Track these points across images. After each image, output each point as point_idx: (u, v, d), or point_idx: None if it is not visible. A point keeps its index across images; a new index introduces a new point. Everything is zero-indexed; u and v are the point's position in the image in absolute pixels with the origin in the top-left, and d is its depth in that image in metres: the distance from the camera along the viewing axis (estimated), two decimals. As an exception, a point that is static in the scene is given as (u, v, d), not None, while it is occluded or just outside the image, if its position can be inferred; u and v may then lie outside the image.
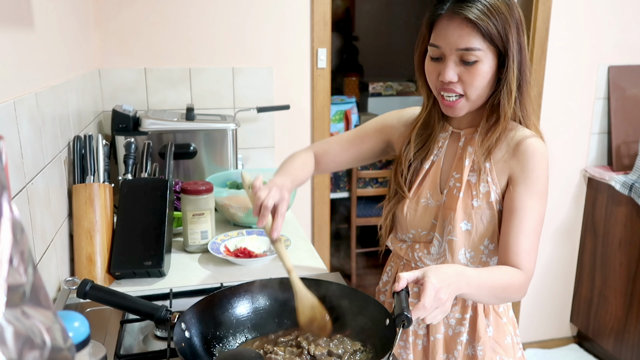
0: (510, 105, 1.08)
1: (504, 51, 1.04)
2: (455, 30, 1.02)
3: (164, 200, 1.42)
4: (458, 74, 1.05)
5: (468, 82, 1.05)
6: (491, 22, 1.01)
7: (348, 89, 4.54)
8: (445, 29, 1.04)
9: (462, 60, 1.04)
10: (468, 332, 1.18)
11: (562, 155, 2.62)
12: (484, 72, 1.04)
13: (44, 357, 0.40)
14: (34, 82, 1.20)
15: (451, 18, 1.03)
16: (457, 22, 1.02)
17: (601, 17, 2.49)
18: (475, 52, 1.02)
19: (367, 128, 1.30)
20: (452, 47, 1.03)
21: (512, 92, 1.06)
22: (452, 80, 1.05)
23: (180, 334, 0.90)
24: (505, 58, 1.04)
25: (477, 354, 1.16)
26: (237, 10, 2.12)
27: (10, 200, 0.41)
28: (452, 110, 1.10)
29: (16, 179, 1.02)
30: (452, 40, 1.03)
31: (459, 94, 1.07)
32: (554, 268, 2.79)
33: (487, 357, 1.16)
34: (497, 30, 1.01)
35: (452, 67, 1.04)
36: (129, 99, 2.08)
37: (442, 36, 1.04)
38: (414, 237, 1.21)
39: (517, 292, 1.05)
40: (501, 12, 1.02)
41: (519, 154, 1.09)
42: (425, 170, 1.19)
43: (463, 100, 1.07)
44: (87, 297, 0.97)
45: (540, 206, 1.08)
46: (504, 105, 1.07)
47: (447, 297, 0.89)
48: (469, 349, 1.18)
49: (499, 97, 1.08)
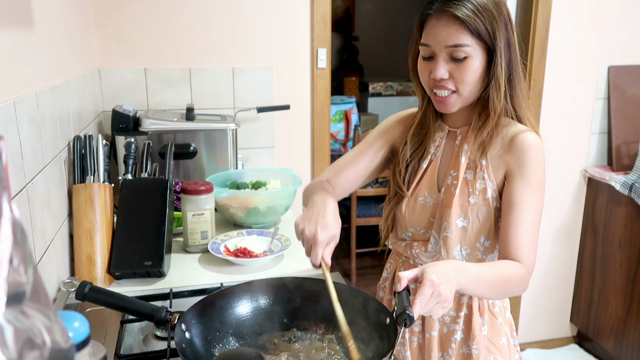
0: (500, 100, 1.09)
1: (492, 47, 1.06)
2: (444, 28, 1.05)
3: (164, 200, 1.42)
4: (449, 70, 1.07)
5: (459, 78, 1.07)
6: (478, 19, 1.03)
7: (348, 89, 4.55)
8: (434, 27, 1.06)
9: (452, 58, 1.06)
10: (462, 330, 1.19)
11: (562, 155, 2.62)
12: (474, 68, 1.06)
13: (44, 357, 0.40)
14: (34, 82, 1.20)
15: (439, 17, 1.06)
16: (445, 20, 1.05)
17: (601, 17, 2.49)
18: (464, 48, 1.04)
19: (370, 138, 1.30)
20: (442, 45, 1.05)
21: (501, 87, 1.08)
22: (443, 77, 1.07)
23: (181, 335, 0.90)
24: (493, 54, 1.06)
25: (472, 352, 1.17)
26: (237, 10, 2.13)
27: (10, 200, 0.41)
28: (445, 106, 1.11)
29: (16, 179, 1.02)
30: (441, 38, 1.05)
31: (451, 90, 1.09)
32: (554, 268, 2.79)
33: (481, 356, 1.16)
34: (484, 27, 1.04)
35: (442, 64, 1.07)
36: (129, 99, 2.08)
37: (431, 35, 1.07)
38: (412, 235, 1.22)
39: (518, 285, 1.05)
40: (488, 9, 1.04)
41: (514, 149, 1.10)
42: (423, 169, 1.21)
43: (455, 96, 1.09)
44: (86, 299, 0.96)
45: (538, 199, 1.09)
46: (493, 100, 1.09)
47: (447, 292, 0.89)
48: (464, 348, 1.19)
49: (487, 93, 1.10)
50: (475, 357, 1.16)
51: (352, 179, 1.27)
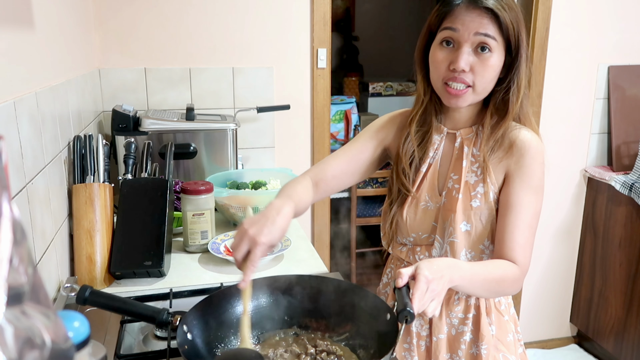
0: (519, 101, 1.09)
1: (515, 46, 1.05)
2: (476, 17, 1.03)
3: (164, 200, 1.42)
4: (470, 63, 1.04)
5: (479, 72, 1.04)
6: (507, 15, 1.03)
7: (348, 89, 4.54)
8: (464, 15, 1.04)
9: (477, 48, 1.04)
10: (472, 331, 1.18)
11: (562, 155, 2.62)
12: (494, 65, 1.05)
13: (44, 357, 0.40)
14: (34, 82, 1.20)
15: (470, 6, 1.04)
16: (477, 10, 1.03)
17: (601, 17, 2.49)
18: (491, 40, 1.03)
19: (361, 138, 1.25)
20: (471, 31, 1.03)
21: (521, 89, 1.08)
22: (464, 69, 1.04)
23: (183, 337, 0.90)
24: (515, 54, 1.06)
25: (481, 352, 1.16)
26: (237, 10, 2.13)
27: (10, 200, 0.41)
28: (456, 100, 1.07)
29: (16, 179, 1.02)
30: (473, 25, 1.03)
31: (467, 84, 1.06)
32: (554, 268, 2.79)
33: (490, 356, 1.16)
34: (512, 26, 1.04)
35: (467, 53, 1.04)
36: (129, 99, 2.08)
37: (460, 20, 1.04)
38: (414, 240, 1.20)
39: (512, 286, 1.05)
40: (513, 9, 1.04)
41: (515, 150, 1.09)
42: (423, 173, 1.18)
43: (470, 91, 1.07)
44: (87, 303, 0.96)
45: (536, 201, 1.09)
46: (512, 102, 1.08)
47: (440, 288, 0.89)
48: (473, 348, 1.18)
49: (501, 94, 1.09)
50: (485, 356, 1.16)
51: (339, 176, 1.21)
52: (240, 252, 0.92)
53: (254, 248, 0.91)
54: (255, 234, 0.92)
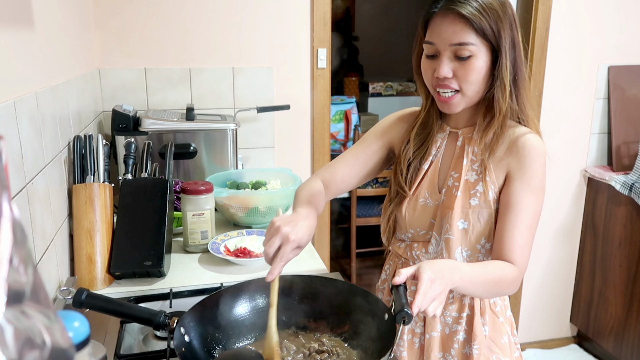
0: (505, 100, 1.09)
1: (497, 47, 1.05)
2: (449, 26, 1.04)
3: (164, 200, 1.42)
4: (453, 69, 1.06)
5: (463, 77, 1.06)
6: (484, 17, 1.03)
7: (348, 89, 4.54)
8: (439, 25, 1.06)
9: (456, 56, 1.05)
10: (465, 330, 1.18)
11: (562, 155, 2.62)
12: (478, 67, 1.05)
13: (44, 357, 0.40)
14: (34, 82, 1.20)
15: (444, 15, 1.05)
16: (450, 18, 1.04)
17: (601, 17, 2.49)
18: (468, 46, 1.03)
19: (368, 138, 1.28)
20: (446, 43, 1.05)
21: (506, 87, 1.08)
22: (446, 75, 1.06)
23: (180, 339, 0.90)
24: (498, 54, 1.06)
25: (473, 352, 1.17)
26: (237, 10, 2.13)
27: (10, 200, 0.41)
28: (448, 106, 1.10)
29: (16, 179, 1.02)
30: (446, 36, 1.04)
31: (455, 89, 1.08)
32: (554, 268, 2.79)
33: (482, 356, 1.16)
34: (489, 26, 1.03)
35: (446, 62, 1.06)
36: (129, 99, 2.08)
37: (435, 33, 1.06)
38: (412, 236, 1.21)
39: (510, 286, 1.06)
40: (493, 9, 1.04)
41: (516, 150, 1.10)
42: (424, 170, 1.20)
43: (459, 96, 1.09)
44: (84, 306, 0.95)
45: (536, 202, 1.09)
46: (498, 100, 1.08)
47: (441, 289, 0.90)
48: (466, 348, 1.19)
49: (492, 93, 1.10)
50: (477, 357, 1.16)
51: (348, 179, 1.25)
52: (273, 246, 0.95)
53: (285, 244, 0.95)
54: (288, 231, 0.96)
